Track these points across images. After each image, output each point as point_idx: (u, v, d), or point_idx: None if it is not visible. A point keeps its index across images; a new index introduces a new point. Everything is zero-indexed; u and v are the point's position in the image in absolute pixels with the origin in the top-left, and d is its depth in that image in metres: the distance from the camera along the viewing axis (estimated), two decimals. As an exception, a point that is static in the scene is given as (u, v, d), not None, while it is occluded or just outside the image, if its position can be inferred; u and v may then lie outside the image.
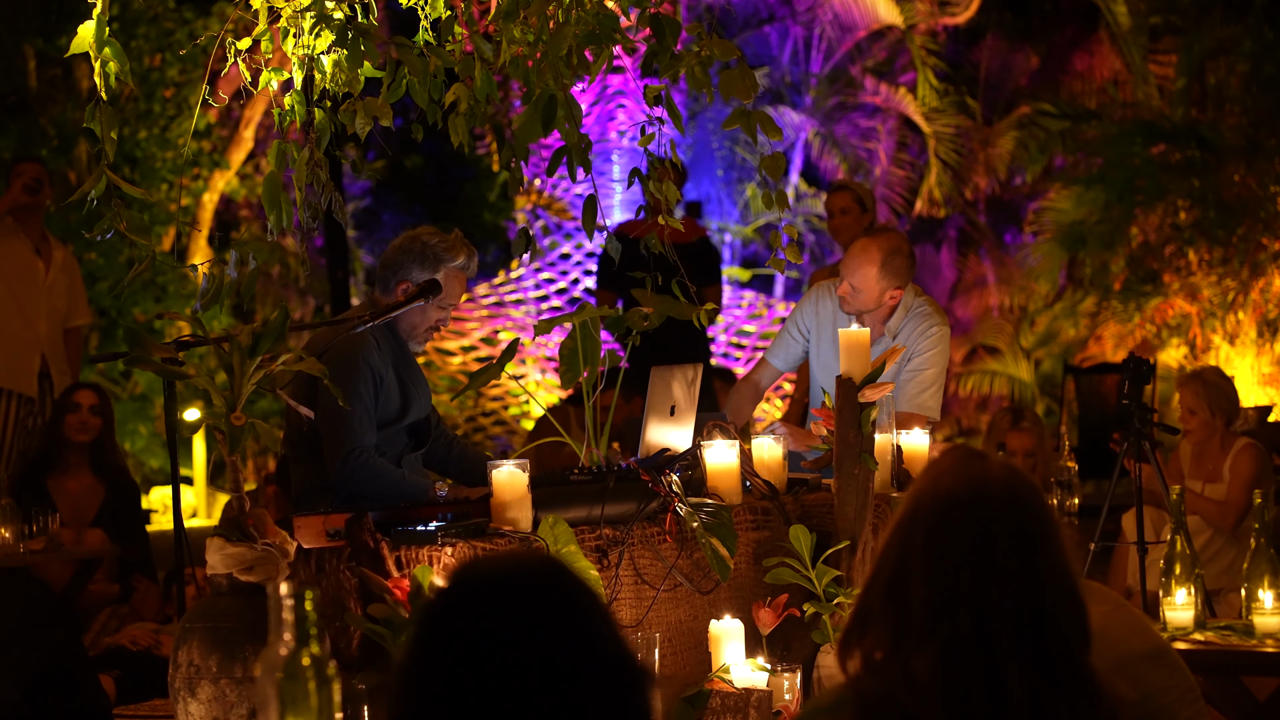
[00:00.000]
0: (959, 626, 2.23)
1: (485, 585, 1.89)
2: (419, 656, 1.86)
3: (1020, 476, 2.36)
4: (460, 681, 1.82)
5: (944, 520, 2.29)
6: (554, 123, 4.22)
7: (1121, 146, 12.42)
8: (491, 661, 1.82)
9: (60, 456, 7.11)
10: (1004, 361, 13.54)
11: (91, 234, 4.04)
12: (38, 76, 12.02)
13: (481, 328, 12.96)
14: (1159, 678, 3.46)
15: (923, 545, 2.29)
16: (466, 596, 1.88)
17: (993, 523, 2.28)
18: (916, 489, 2.35)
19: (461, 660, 1.83)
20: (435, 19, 4.23)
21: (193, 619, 3.81)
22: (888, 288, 5.47)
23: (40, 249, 8.10)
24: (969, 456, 2.36)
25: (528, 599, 1.86)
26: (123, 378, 12.31)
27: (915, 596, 2.26)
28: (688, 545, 4.22)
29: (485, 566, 1.93)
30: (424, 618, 1.88)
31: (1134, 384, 5.78)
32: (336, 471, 4.67)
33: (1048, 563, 2.28)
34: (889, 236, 5.58)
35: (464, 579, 1.90)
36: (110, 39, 3.88)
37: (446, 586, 1.90)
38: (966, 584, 2.25)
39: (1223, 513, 6.59)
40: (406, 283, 4.89)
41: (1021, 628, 2.24)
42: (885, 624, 2.27)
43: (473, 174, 15.54)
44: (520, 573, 1.90)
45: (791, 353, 5.83)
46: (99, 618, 6.76)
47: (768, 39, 14.92)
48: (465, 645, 1.84)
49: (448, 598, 1.89)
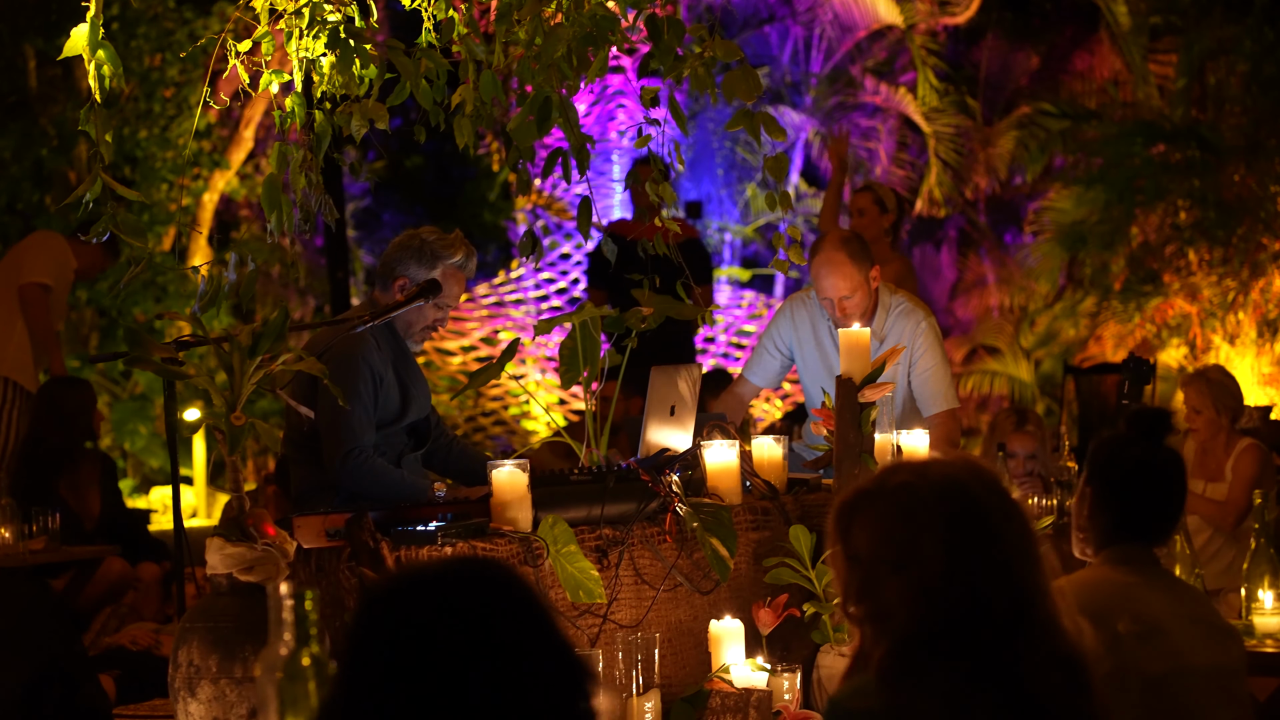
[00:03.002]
0: (939, 629, 2.24)
1: (418, 579, 1.88)
2: (352, 654, 1.85)
3: (977, 463, 2.39)
4: (392, 675, 1.81)
5: (918, 529, 2.30)
6: (549, 124, 4.22)
7: (1121, 146, 12.42)
8: (422, 656, 1.81)
9: (71, 459, 7.14)
10: (1004, 361, 13.53)
11: (87, 236, 4.04)
12: (38, 76, 12.02)
13: (481, 328, 12.96)
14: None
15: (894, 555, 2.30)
16: (399, 591, 1.87)
17: (965, 519, 2.30)
18: (884, 501, 2.34)
19: (392, 654, 1.82)
20: (444, 21, 4.23)
21: (193, 619, 3.81)
22: (866, 272, 5.51)
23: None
24: (926, 461, 2.39)
25: (462, 592, 1.85)
26: (123, 378, 12.31)
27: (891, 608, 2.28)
28: (688, 545, 4.22)
29: (418, 565, 1.93)
30: (356, 613, 1.88)
31: (1134, 384, 5.78)
32: (334, 470, 4.67)
33: (1019, 550, 2.31)
34: (832, 235, 5.70)
35: (397, 576, 1.90)
36: (104, 41, 3.88)
37: (381, 584, 1.89)
38: (941, 586, 2.26)
39: (1222, 513, 6.60)
40: (404, 279, 4.89)
41: (1003, 615, 2.25)
42: (890, 635, 2.28)
43: (473, 174, 15.53)
44: (454, 568, 1.90)
45: (769, 369, 5.83)
46: (99, 617, 6.76)
47: (768, 39, 14.91)
48: (397, 639, 1.82)
49: (381, 592, 1.88)
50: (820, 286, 5.52)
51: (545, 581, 4.05)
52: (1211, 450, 6.77)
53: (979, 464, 2.37)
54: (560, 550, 3.98)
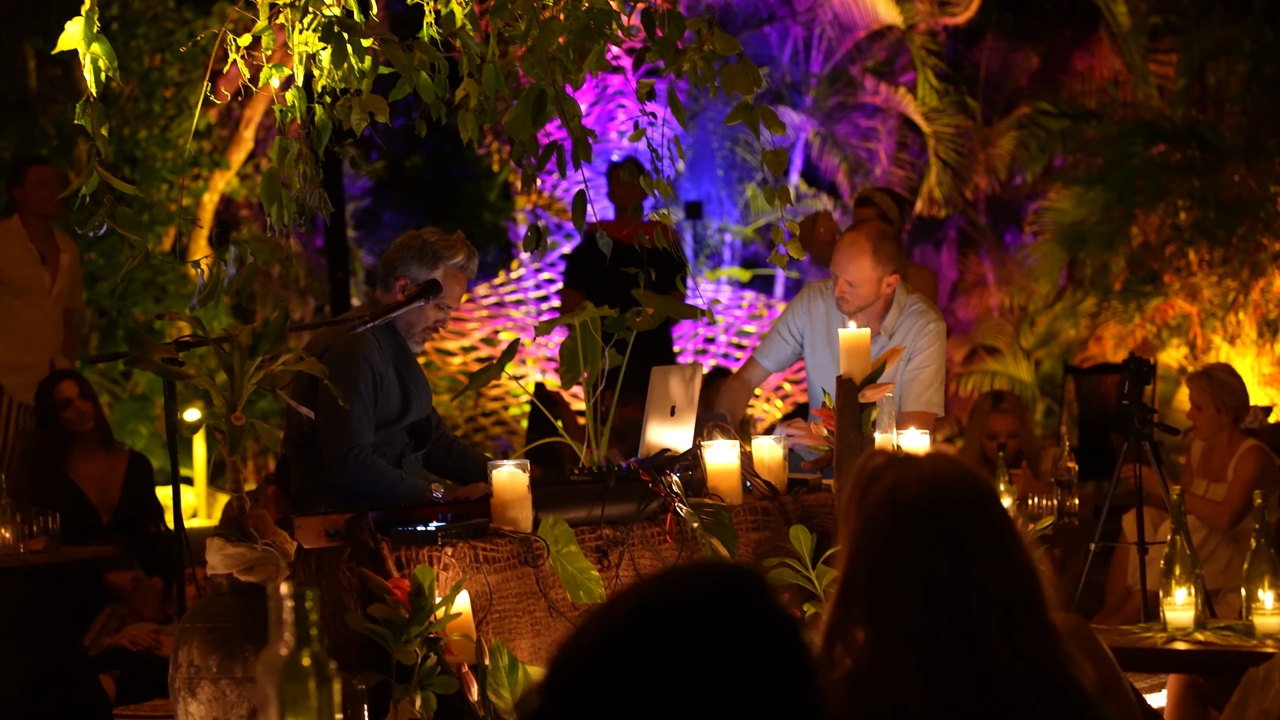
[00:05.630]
0: (945, 631, 2.23)
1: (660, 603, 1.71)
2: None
3: (959, 459, 2.38)
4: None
5: (912, 531, 2.29)
6: (544, 118, 4.22)
7: (1121, 146, 12.41)
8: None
9: (69, 448, 7.15)
10: (1004, 362, 13.52)
11: (84, 230, 4.04)
12: (38, 76, 12.01)
13: (481, 328, 12.95)
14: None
15: (889, 560, 2.29)
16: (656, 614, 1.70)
17: (959, 519, 2.29)
18: (869, 504, 2.33)
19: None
20: (444, 14, 4.23)
21: (193, 619, 3.81)
22: (884, 275, 5.47)
23: (46, 255, 8.04)
24: (908, 461, 2.36)
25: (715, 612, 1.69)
26: (123, 378, 12.30)
27: (887, 614, 2.26)
28: (688, 545, 4.22)
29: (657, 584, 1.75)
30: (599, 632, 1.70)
31: (1134, 384, 5.78)
32: (333, 470, 4.67)
33: (1012, 539, 2.30)
34: (872, 225, 5.62)
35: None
36: (99, 36, 3.88)
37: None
38: (948, 584, 2.25)
39: (1218, 512, 6.59)
40: (405, 279, 4.88)
41: (1005, 606, 2.25)
42: (863, 643, 2.27)
43: (473, 174, 15.52)
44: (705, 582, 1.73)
45: (782, 354, 5.83)
46: (99, 617, 6.76)
47: (768, 39, 14.90)
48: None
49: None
50: (835, 259, 5.53)
51: (546, 581, 4.05)
52: (1216, 448, 6.76)
53: (968, 466, 2.36)
54: (561, 550, 3.98)
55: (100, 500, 7.10)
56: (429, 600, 3.69)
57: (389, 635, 3.64)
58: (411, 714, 3.66)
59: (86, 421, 7.14)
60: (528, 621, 4.04)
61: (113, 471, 7.21)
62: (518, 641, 3.98)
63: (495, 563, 3.97)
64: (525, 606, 4.04)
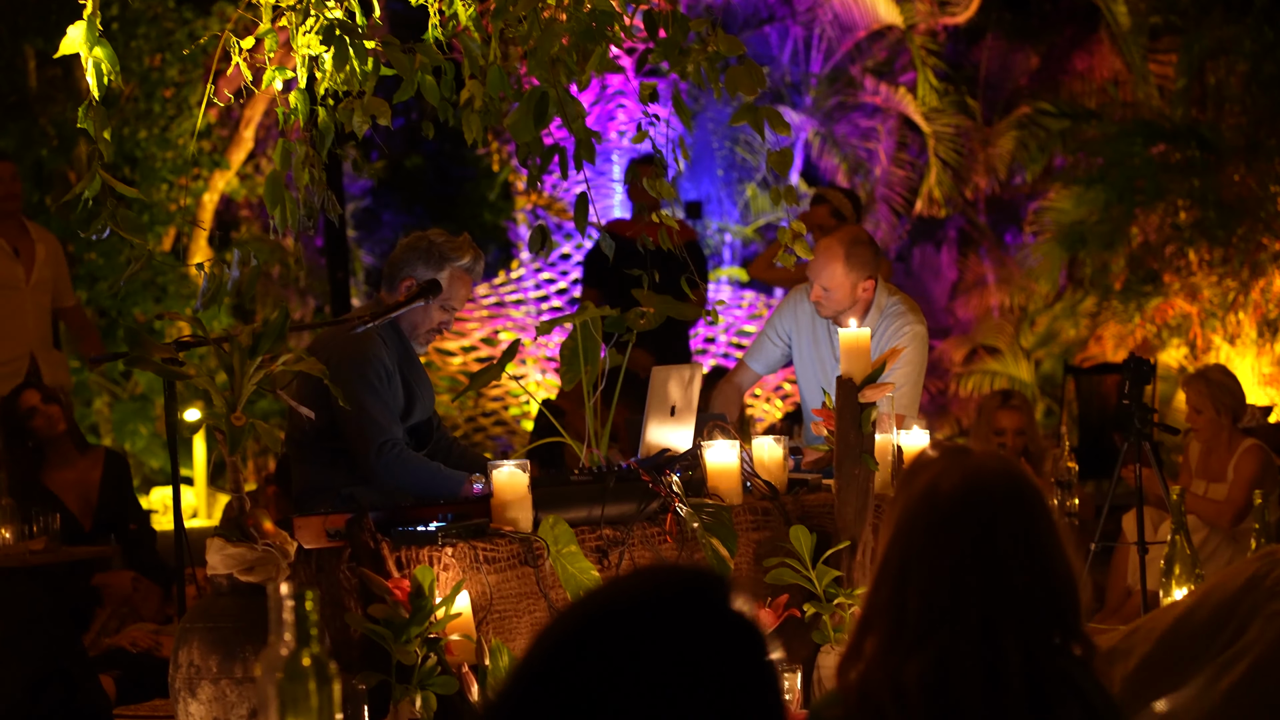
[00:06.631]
0: (962, 628, 2.22)
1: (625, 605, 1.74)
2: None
3: (1010, 459, 2.37)
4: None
5: (946, 523, 2.28)
6: (546, 119, 4.22)
7: (1121, 146, 12.41)
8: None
9: (44, 457, 7.12)
10: (1004, 361, 13.52)
11: (86, 233, 4.04)
12: (38, 76, 12.01)
13: (482, 328, 12.96)
14: None
15: (920, 551, 2.28)
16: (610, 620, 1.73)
17: (995, 515, 2.27)
18: (911, 494, 2.33)
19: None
20: (448, 15, 4.23)
21: (193, 619, 3.81)
22: (858, 280, 5.47)
23: (19, 248, 7.87)
24: (958, 453, 2.34)
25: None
26: (123, 378, 12.30)
27: (911, 605, 2.25)
28: (688, 545, 4.22)
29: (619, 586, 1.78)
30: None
31: (1134, 384, 5.78)
32: (371, 465, 4.66)
33: (1050, 539, 2.28)
34: (846, 230, 5.64)
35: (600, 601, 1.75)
36: (101, 39, 3.88)
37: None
38: (973, 582, 2.24)
39: (1220, 511, 6.60)
40: (410, 279, 4.89)
41: (1030, 612, 2.23)
42: (882, 634, 2.27)
43: (473, 174, 15.52)
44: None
45: (771, 356, 5.85)
46: (99, 617, 6.76)
47: (768, 39, 14.89)
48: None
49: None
50: (811, 265, 5.49)
51: (546, 582, 4.06)
52: (1216, 449, 6.77)
53: (1015, 466, 2.35)
54: (561, 550, 3.98)
55: (80, 508, 7.06)
56: (429, 600, 3.69)
57: (389, 635, 3.64)
58: (411, 714, 3.66)
59: (57, 424, 7.10)
60: (528, 622, 4.04)
61: (89, 475, 7.17)
62: (518, 642, 3.98)
63: (495, 563, 3.97)
64: (525, 607, 4.04)
